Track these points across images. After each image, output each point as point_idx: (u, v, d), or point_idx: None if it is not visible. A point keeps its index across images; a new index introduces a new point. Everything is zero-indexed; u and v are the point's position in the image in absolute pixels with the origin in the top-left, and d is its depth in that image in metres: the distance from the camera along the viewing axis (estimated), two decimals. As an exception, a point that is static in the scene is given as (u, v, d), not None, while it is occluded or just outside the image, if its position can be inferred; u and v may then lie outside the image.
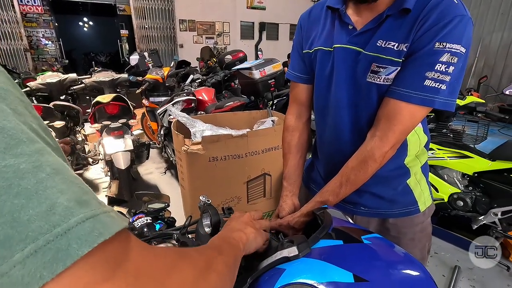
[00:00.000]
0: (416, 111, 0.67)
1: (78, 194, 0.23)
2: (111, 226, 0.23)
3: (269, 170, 2.05)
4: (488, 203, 1.93)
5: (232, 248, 0.44)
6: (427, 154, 0.87)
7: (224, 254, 0.40)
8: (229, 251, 0.42)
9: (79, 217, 0.22)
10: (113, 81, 3.01)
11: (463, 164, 2.01)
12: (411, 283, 0.44)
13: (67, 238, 0.21)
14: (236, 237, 0.49)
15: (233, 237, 0.49)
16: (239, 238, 0.49)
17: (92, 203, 0.24)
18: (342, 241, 0.52)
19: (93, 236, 0.22)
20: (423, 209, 0.84)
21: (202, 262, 0.34)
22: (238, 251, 0.46)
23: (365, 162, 0.72)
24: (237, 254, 0.45)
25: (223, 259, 0.38)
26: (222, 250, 0.41)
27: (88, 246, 0.21)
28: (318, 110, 0.90)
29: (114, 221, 0.24)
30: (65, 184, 0.23)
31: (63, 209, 0.21)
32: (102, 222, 0.23)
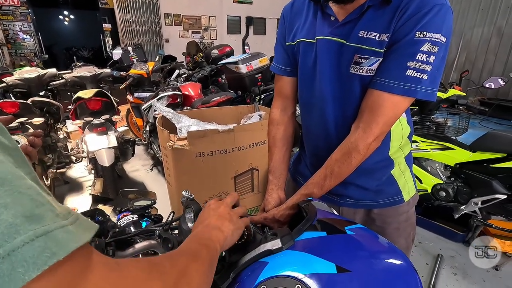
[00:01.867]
0: (399, 101, 0.68)
1: (28, 208, 0.20)
2: (67, 243, 0.20)
3: (257, 165, 2.04)
4: (469, 193, 1.99)
5: (209, 252, 0.42)
6: (410, 145, 0.89)
7: (200, 261, 0.38)
8: (205, 255, 0.40)
9: (27, 235, 0.19)
10: (95, 76, 2.91)
11: (445, 156, 2.06)
12: (392, 272, 0.44)
13: (11, 261, 0.18)
14: (214, 238, 0.46)
15: (211, 238, 0.46)
16: (217, 239, 0.46)
17: (47, 217, 0.21)
18: (326, 233, 0.52)
19: (43, 257, 0.19)
20: (407, 198, 0.86)
21: (174, 275, 0.32)
22: (215, 253, 0.44)
23: (349, 154, 0.72)
24: (213, 257, 0.43)
25: (198, 267, 0.36)
26: (198, 255, 0.39)
27: (36, 270, 0.18)
28: (303, 103, 0.89)
29: (72, 237, 0.21)
30: (11, 196, 0.20)
31: (6, 226, 0.18)
32: (56, 239, 0.20)
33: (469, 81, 5.31)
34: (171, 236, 0.64)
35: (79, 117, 2.32)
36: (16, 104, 2.14)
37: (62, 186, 2.95)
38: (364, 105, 0.71)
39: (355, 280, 0.41)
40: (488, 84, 2.23)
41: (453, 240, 2.16)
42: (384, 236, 0.56)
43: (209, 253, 0.41)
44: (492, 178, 1.87)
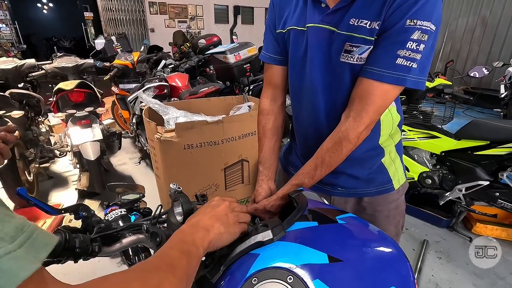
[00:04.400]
0: (389, 90, 0.67)
1: None
2: (15, 273, 0.17)
3: (247, 156, 2.03)
4: (453, 180, 2.04)
5: (189, 260, 0.39)
6: (400, 134, 0.89)
7: (177, 273, 0.36)
8: (184, 265, 0.38)
9: None
10: (77, 67, 2.79)
11: (432, 144, 2.10)
12: (384, 260, 0.44)
13: None
14: (198, 241, 0.44)
15: (194, 241, 0.43)
16: (201, 242, 0.44)
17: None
18: (317, 223, 0.51)
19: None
20: (397, 186, 0.86)
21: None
22: (196, 259, 0.41)
23: (339, 143, 0.71)
24: (193, 265, 0.40)
25: (173, 281, 0.34)
26: (175, 267, 0.37)
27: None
28: (294, 93, 0.88)
29: (21, 265, 0.18)
30: None
31: None
32: (1, 270, 0.17)
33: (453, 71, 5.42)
34: (159, 230, 0.62)
35: (61, 109, 2.24)
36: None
37: (46, 181, 2.86)
38: (354, 94, 0.71)
39: (347, 269, 0.41)
40: (472, 73, 2.27)
41: (438, 226, 2.23)
42: (375, 224, 0.56)
43: (189, 262, 0.39)
44: (475, 165, 1.93)
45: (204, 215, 0.50)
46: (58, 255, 0.56)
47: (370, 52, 0.67)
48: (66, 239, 0.56)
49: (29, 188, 2.38)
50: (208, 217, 0.49)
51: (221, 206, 0.53)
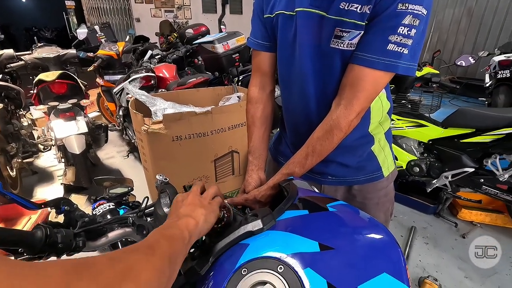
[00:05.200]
0: (380, 76, 0.66)
1: None
2: None
3: (237, 147, 2.01)
4: (440, 167, 2.09)
5: (171, 243, 0.38)
6: (389, 121, 0.89)
7: (156, 255, 0.33)
8: (165, 248, 0.36)
9: None
10: (59, 57, 2.67)
11: (419, 133, 2.13)
12: (375, 246, 0.43)
13: None
14: (182, 226, 0.42)
15: (177, 226, 0.42)
16: (185, 226, 0.43)
17: None
18: (308, 211, 0.50)
19: None
20: (387, 174, 0.87)
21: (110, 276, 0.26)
22: (180, 243, 0.40)
23: (330, 132, 0.70)
24: (178, 248, 0.38)
25: (151, 262, 0.32)
26: (154, 248, 0.34)
27: None
28: (283, 80, 0.86)
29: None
30: None
31: None
32: None
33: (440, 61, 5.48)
34: (146, 222, 0.60)
35: (43, 102, 2.15)
36: (-31, 88, 1.93)
37: (30, 176, 2.77)
38: (345, 81, 0.69)
39: (338, 257, 0.40)
40: (459, 62, 2.30)
41: (425, 212, 2.28)
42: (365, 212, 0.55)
43: (171, 244, 0.37)
44: (461, 153, 1.97)
45: (179, 209, 0.49)
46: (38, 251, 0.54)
47: (361, 38, 0.66)
48: (46, 234, 0.54)
49: (12, 184, 2.29)
50: (183, 207, 0.49)
51: (189, 196, 0.52)
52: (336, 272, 0.38)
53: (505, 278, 1.73)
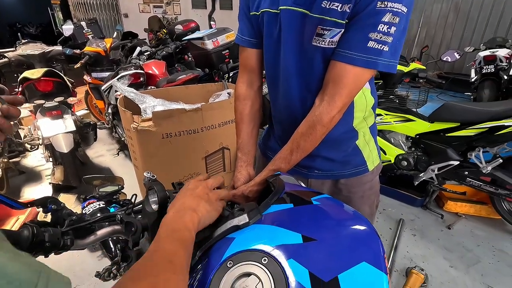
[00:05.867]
0: (361, 73, 0.68)
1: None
2: None
3: (228, 144, 2.01)
4: (427, 161, 2.14)
5: (186, 248, 0.38)
6: (374, 116, 0.91)
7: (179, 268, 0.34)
8: (182, 256, 0.37)
9: None
10: (44, 54, 2.61)
11: (407, 127, 2.17)
12: (356, 237, 0.45)
13: None
14: (188, 223, 0.43)
15: (185, 224, 0.43)
16: (191, 223, 0.44)
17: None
18: (293, 204, 0.52)
19: None
20: (372, 168, 0.89)
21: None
22: (190, 243, 0.41)
23: (313, 127, 0.72)
24: (189, 250, 0.40)
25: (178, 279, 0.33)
26: (177, 264, 0.35)
27: None
28: (269, 77, 0.87)
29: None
30: None
31: None
32: None
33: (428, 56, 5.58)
34: (134, 219, 0.60)
35: (28, 100, 2.10)
36: (-50, 87, 1.87)
37: (17, 176, 2.72)
38: (328, 77, 0.71)
39: (320, 248, 0.41)
40: (445, 58, 2.35)
41: (413, 205, 2.34)
42: (350, 205, 0.57)
43: (186, 251, 0.38)
44: (447, 146, 2.02)
45: (186, 197, 0.50)
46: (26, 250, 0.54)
47: (342, 36, 0.67)
48: (33, 233, 0.54)
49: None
50: (190, 198, 0.49)
51: (200, 187, 0.53)
52: (318, 262, 0.39)
53: (488, 266, 1.79)
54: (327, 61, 0.71)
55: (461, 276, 1.72)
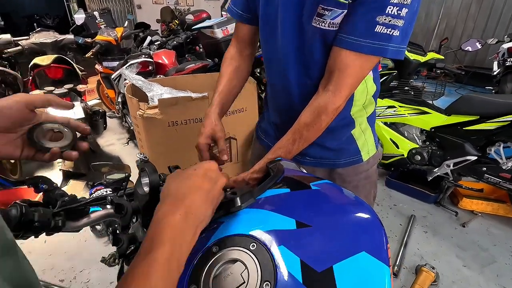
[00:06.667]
0: (368, 60, 0.63)
1: None
2: None
3: (235, 133, 1.98)
4: (442, 155, 2.04)
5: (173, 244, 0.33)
6: (374, 105, 0.85)
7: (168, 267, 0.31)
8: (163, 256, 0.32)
9: None
10: (56, 42, 2.64)
11: (422, 120, 2.08)
12: (356, 224, 0.41)
13: None
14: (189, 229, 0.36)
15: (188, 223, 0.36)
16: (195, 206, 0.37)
17: None
18: (289, 189, 0.48)
19: None
20: (366, 158, 0.84)
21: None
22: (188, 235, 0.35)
23: (318, 117, 0.68)
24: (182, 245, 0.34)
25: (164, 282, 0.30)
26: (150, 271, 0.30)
27: None
28: (266, 58, 0.83)
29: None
30: None
31: None
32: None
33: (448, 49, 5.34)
34: (125, 202, 0.58)
35: (39, 87, 2.13)
36: (-36, 73, 1.92)
37: (31, 163, 2.78)
38: (332, 65, 0.66)
39: (315, 235, 0.38)
40: (466, 47, 2.22)
41: (425, 201, 2.25)
42: None
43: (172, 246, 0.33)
44: (464, 141, 1.92)
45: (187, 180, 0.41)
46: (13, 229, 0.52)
47: (346, 19, 0.62)
48: (22, 212, 0.52)
49: (12, 170, 2.31)
50: (191, 188, 0.40)
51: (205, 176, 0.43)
52: (311, 250, 0.35)
53: (504, 267, 1.70)
54: (326, 45, 0.66)
55: (475, 276, 1.64)
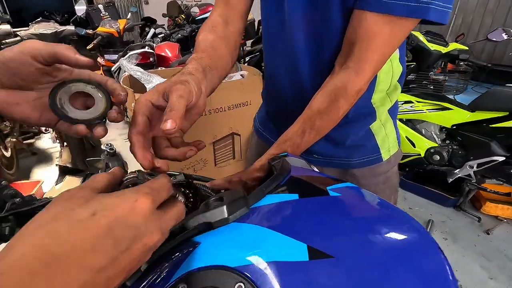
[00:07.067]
0: (402, 27, 0.48)
1: None
2: None
3: (238, 129, 1.85)
4: (464, 155, 1.87)
5: None
6: (399, 91, 0.69)
7: None
8: None
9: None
10: (56, 34, 2.54)
11: (442, 117, 1.91)
12: (403, 254, 0.26)
13: None
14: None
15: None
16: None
17: None
18: (298, 195, 0.34)
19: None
20: (387, 157, 0.68)
21: None
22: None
23: (335, 102, 0.53)
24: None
25: None
26: None
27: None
28: (266, 31, 0.67)
29: None
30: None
31: None
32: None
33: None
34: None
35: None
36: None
37: (30, 157, 2.71)
38: (353, 34, 0.51)
39: (339, 273, 0.23)
40: (493, 37, 2.03)
41: (444, 205, 2.08)
42: None
43: None
44: (490, 139, 1.74)
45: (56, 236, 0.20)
46: None
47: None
48: None
49: (8, 164, 2.22)
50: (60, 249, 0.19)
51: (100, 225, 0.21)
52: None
53: (536, 280, 1.53)
54: (347, 11, 0.51)
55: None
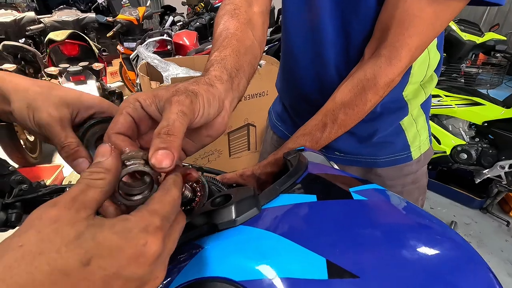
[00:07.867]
0: (447, 8, 0.41)
1: None
2: None
3: (253, 120, 1.81)
4: (495, 155, 1.74)
5: None
6: (436, 82, 0.62)
7: None
8: None
9: None
10: (78, 21, 2.58)
11: (472, 113, 1.78)
12: (443, 273, 0.22)
13: None
14: None
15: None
16: None
17: None
18: (316, 196, 0.29)
19: None
20: (417, 155, 0.62)
21: None
22: None
23: (363, 94, 0.47)
24: None
25: None
26: None
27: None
28: (288, 18, 0.60)
29: None
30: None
31: None
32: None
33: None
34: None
35: (55, 64, 2.07)
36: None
37: (52, 142, 2.81)
38: (388, 18, 0.45)
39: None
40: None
41: (469, 206, 1.97)
42: None
43: None
44: (526, 139, 1.61)
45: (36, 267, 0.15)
46: None
47: None
48: None
49: (31, 148, 2.30)
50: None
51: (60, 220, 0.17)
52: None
53: None
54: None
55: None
